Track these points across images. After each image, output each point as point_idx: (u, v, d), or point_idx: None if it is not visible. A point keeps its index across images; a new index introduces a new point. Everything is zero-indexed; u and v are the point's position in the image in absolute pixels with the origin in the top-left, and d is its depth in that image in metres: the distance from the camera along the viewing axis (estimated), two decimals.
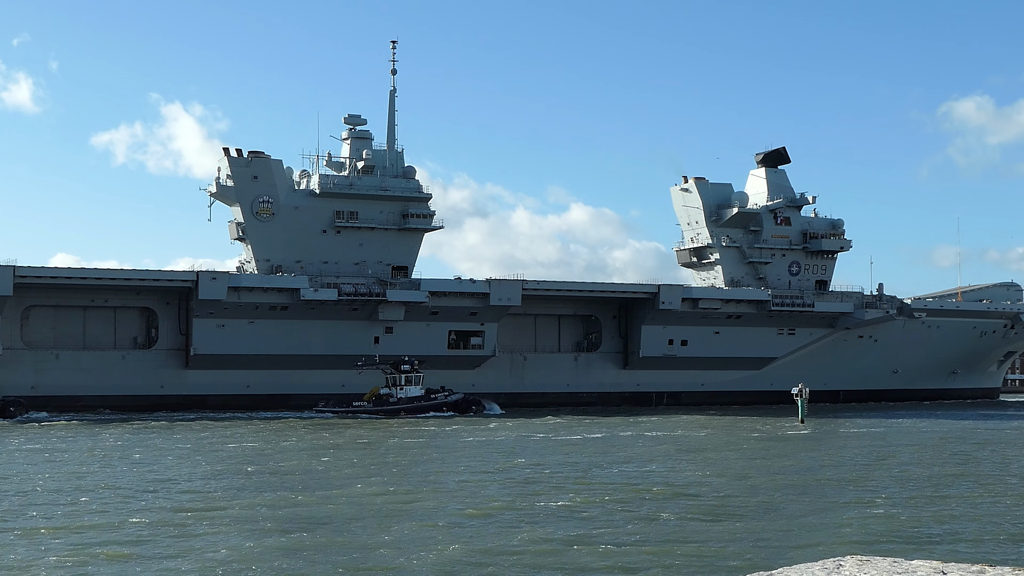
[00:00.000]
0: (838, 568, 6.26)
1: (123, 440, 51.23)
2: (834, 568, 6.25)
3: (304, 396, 78.73)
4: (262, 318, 78.52)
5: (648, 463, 40.46)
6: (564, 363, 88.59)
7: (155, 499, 29.99)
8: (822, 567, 6.28)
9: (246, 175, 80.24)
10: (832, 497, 31.04)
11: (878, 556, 6.54)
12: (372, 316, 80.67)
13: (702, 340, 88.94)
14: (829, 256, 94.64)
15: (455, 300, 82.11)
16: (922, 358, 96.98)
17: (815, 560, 6.44)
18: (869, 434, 57.41)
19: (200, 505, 28.79)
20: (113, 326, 79.94)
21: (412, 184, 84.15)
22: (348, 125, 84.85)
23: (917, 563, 6.31)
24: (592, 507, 28.56)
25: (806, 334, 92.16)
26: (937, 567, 6.21)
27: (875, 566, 6.27)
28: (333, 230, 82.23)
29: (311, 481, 34.38)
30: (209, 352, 77.87)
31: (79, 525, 25.29)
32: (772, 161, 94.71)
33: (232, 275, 77.99)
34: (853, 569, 6.22)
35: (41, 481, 33.94)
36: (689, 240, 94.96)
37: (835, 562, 6.38)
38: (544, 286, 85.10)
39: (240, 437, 53.72)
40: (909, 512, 28.02)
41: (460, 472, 37.30)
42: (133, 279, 76.89)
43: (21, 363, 75.47)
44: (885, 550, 21.53)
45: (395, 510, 27.88)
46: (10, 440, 50.80)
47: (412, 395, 73.24)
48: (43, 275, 74.70)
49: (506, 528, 25.09)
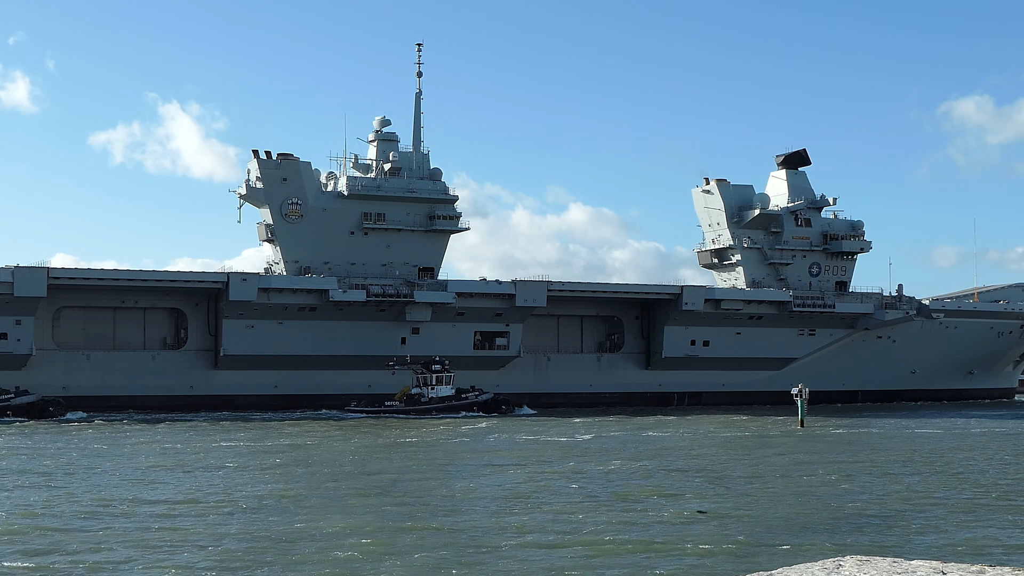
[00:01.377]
0: (838, 568, 6.26)
1: (224, 442, 51.63)
2: (834, 568, 6.26)
3: (331, 396, 79.46)
4: (291, 319, 79.17)
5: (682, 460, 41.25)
6: (587, 363, 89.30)
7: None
8: (822, 567, 6.29)
9: (275, 177, 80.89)
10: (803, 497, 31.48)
11: (878, 556, 6.53)
12: (399, 317, 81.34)
13: (724, 341, 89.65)
14: (849, 257, 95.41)
15: (481, 301, 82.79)
16: (939, 358, 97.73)
17: (815, 560, 6.48)
18: (866, 435, 57.84)
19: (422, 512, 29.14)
20: (143, 327, 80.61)
21: (439, 186, 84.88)
22: (374, 127, 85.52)
23: (917, 563, 6.32)
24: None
25: (826, 335, 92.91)
26: (937, 567, 6.21)
27: (875, 566, 6.27)
28: (361, 231, 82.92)
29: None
30: (238, 353, 78.51)
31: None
32: (793, 163, 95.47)
33: (262, 276, 78.65)
34: (853, 569, 6.23)
35: (241, 495, 33.21)
36: (710, 241, 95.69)
37: (835, 562, 6.38)
38: (569, 287, 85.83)
39: (320, 438, 54.04)
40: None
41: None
42: (165, 280, 77.54)
43: (53, 364, 76.11)
44: (885, 550, 21.91)
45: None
46: (95, 442, 51.28)
47: (443, 395, 74.00)
48: (76, 276, 75.33)
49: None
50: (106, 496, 31.52)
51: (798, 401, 64.83)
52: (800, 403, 64.60)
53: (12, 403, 66.81)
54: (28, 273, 72.62)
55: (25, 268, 73.00)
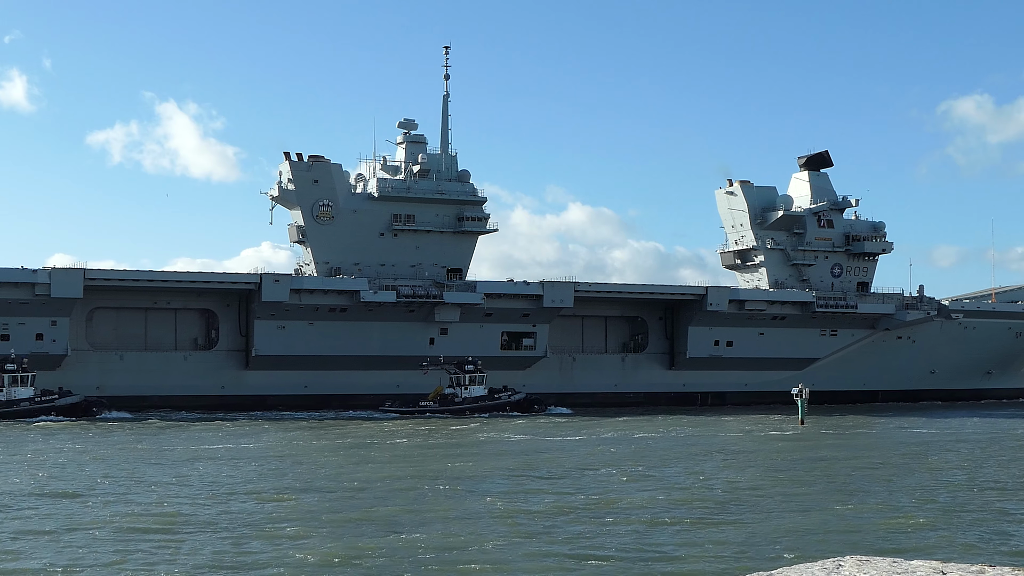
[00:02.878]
0: (838, 568, 6.28)
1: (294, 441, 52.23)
2: (834, 568, 6.28)
3: (360, 396, 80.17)
4: (321, 319, 79.84)
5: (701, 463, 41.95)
6: (612, 364, 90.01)
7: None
8: (822, 567, 6.31)
9: (307, 179, 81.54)
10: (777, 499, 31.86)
11: (878, 556, 6.57)
12: (428, 318, 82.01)
13: (747, 341, 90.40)
14: (871, 258, 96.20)
15: (509, 302, 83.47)
16: (958, 359, 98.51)
17: (815, 560, 6.52)
18: (866, 434, 58.41)
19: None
20: (174, 327, 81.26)
21: (467, 187, 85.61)
22: (402, 129, 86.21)
23: (917, 563, 6.35)
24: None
25: (848, 335, 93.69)
26: (937, 567, 6.24)
27: (875, 566, 6.30)
28: (390, 233, 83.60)
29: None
30: (270, 353, 79.18)
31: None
32: (815, 164, 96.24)
33: (294, 277, 79.32)
34: (853, 569, 6.25)
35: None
36: (733, 242, 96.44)
37: (835, 562, 6.41)
38: (596, 288, 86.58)
39: (386, 438, 54.79)
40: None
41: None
42: (199, 281, 78.17)
43: (87, 364, 76.73)
44: (885, 550, 22.09)
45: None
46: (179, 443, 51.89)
47: (476, 395, 74.74)
48: (111, 278, 75.96)
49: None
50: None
51: (798, 401, 65.80)
52: (800, 403, 65.61)
53: (57, 403, 67.52)
54: (65, 275, 73.29)
55: (62, 269, 73.70)
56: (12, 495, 31.87)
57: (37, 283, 72.77)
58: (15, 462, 41.63)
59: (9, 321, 73.65)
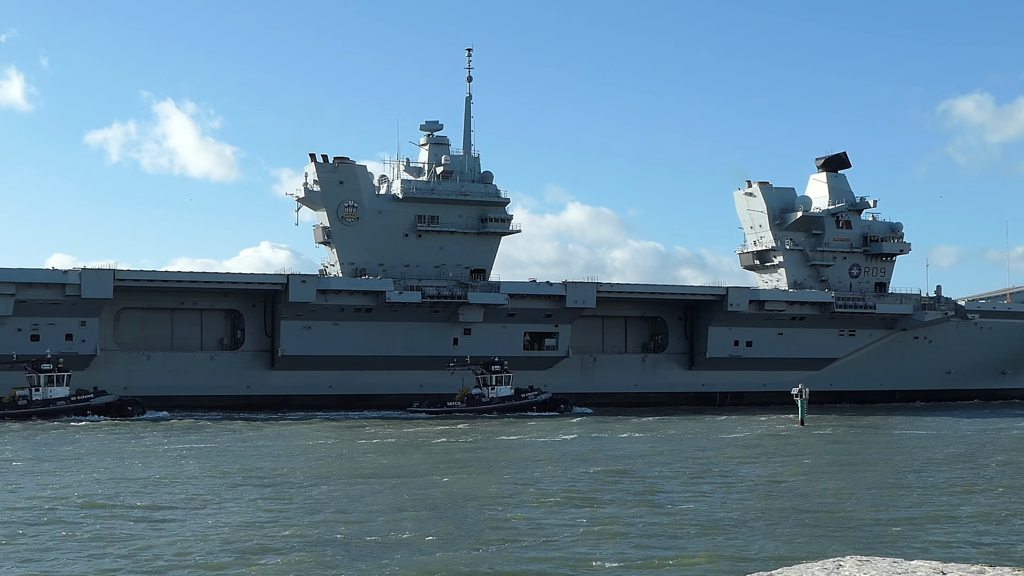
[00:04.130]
0: (838, 568, 6.31)
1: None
2: (834, 568, 6.31)
3: (383, 397, 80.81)
4: (346, 320, 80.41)
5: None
6: (632, 364, 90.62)
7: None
8: (822, 567, 6.34)
9: (332, 180, 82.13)
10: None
11: (878, 556, 6.59)
12: (452, 318, 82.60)
13: (766, 341, 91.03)
14: (888, 259, 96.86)
15: (532, 302, 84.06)
16: (974, 359, 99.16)
17: (815, 560, 6.57)
18: (866, 434, 58.57)
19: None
20: (199, 328, 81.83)
21: (490, 189, 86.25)
22: (425, 131, 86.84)
23: (917, 563, 6.38)
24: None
25: (866, 335, 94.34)
26: (937, 567, 6.27)
27: (875, 566, 6.32)
28: (415, 234, 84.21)
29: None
30: (296, 353, 79.74)
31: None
32: (833, 166, 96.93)
33: (320, 278, 79.88)
34: (853, 569, 6.27)
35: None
36: (752, 243, 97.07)
37: (835, 562, 6.44)
38: (618, 288, 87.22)
39: (452, 438, 55.42)
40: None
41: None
42: (227, 282, 78.74)
43: (115, 364, 77.31)
44: (885, 550, 22.21)
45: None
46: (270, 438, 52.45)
47: (503, 395, 75.33)
48: (140, 279, 76.51)
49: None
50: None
51: (798, 401, 66.39)
52: (800, 403, 66.23)
53: (92, 403, 68.10)
54: (95, 275, 73.86)
55: (92, 270, 74.25)
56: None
57: (67, 284, 73.35)
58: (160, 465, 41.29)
59: (39, 322, 74.22)
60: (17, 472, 38.26)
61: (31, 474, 37.70)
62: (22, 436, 54.33)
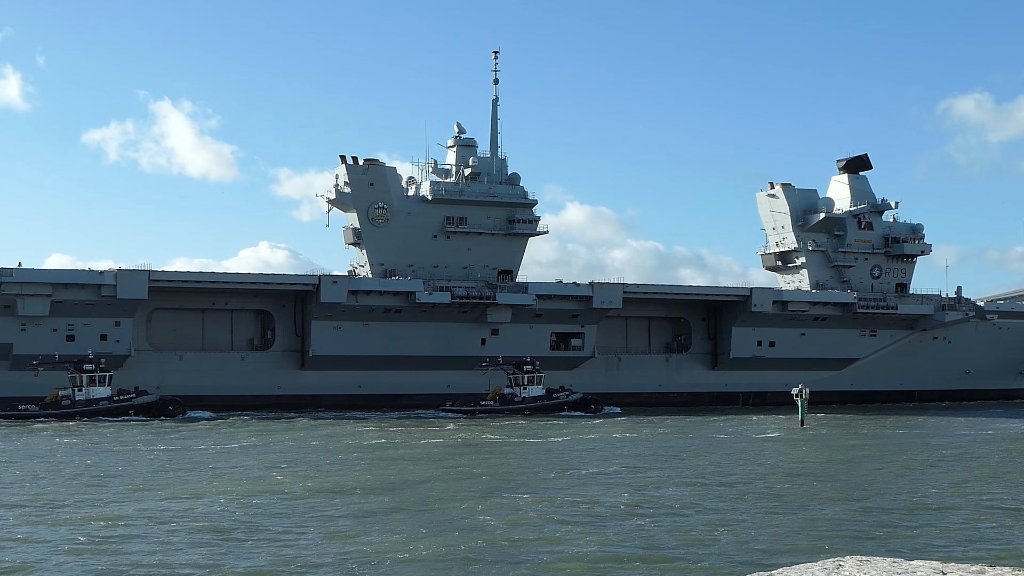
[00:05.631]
0: (838, 568, 6.32)
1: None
2: (834, 568, 6.32)
3: (411, 396, 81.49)
4: (376, 320, 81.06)
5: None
6: (656, 364, 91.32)
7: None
8: (822, 567, 6.36)
9: (363, 182, 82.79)
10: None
11: (878, 556, 6.61)
12: (480, 318, 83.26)
13: (789, 341, 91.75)
14: (909, 260, 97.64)
15: (559, 303, 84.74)
16: (992, 359, 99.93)
17: (815, 560, 6.61)
18: (866, 434, 59.03)
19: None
20: (230, 328, 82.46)
21: (518, 190, 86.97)
22: (453, 132, 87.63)
23: (917, 563, 6.39)
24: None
25: (887, 335, 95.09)
26: (937, 567, 6.28)
27: (875, 566, 6.33)
28: (444, 235, 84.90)
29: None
30: (326, 353, 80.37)
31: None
32: (854, 167, 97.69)
33: (352, 279, 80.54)
34: (853, 569, 6.28)
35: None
36: (774, 244, 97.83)
37: (835, 562, 6.45)
38: (643, 289, 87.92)
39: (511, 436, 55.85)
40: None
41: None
42: (259, 283, 79.39)
43: (148, 364, 77.92)
44: (885, 550, 22.43)
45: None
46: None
47: (535, 394, 76.03)
48: (175, 279, 77.15)
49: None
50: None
51: (798, 401, 67.01)
52: (800, 403, 66.86)
53: (135, 403, 68.71)
54: (131, 276, 74.51)
55: (128, 271, 74.91)
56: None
57: (103, 284, 73.97)
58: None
59: (75, 322, 74.83)
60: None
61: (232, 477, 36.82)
62: (119, 439, 53.55)
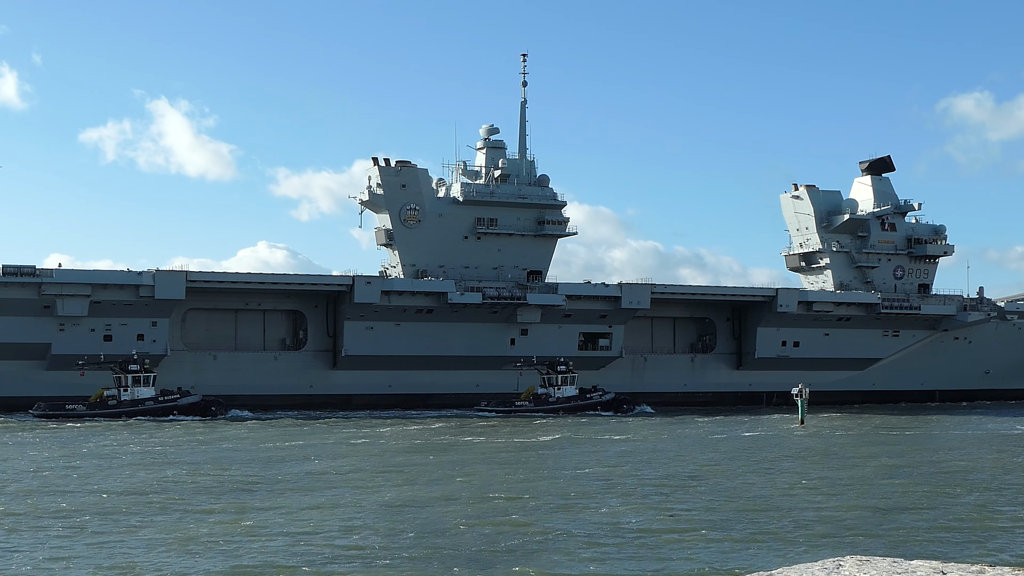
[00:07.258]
0: (838, 568, 6.34)
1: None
2: (834, 568, 6.34)
3: (441, 396, 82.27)
4: (408, 320, 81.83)
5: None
6: (681, 364, 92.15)
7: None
8: (822, 567, 6.38)
9: (395, 184, 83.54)
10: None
11: (878, 556, 6.63)
12: (510, 319, 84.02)
13: (813, 341, 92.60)
14: (931, 260, 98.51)
15: (587, 303, 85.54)
16: (1013, 359, 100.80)
17: (815, 560, 6.64)
18: (866, 434, 59.44)
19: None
20: (262, 328, 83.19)
21: (547, 192, 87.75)
22: (482, 135, 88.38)
23: (917, 563, 6.42)
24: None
25: (909, 336, 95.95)
26: (937, 567, 6.31)
27: (875, 566, 6.35)
28: (474, 236, 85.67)
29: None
30: (358, 353, 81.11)
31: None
32: (877, 169, 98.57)
33: (385, 280, 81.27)
34: (853, 569, 6.30)
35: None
36: (798, 245, 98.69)
37: (835, 562, 6.47)
38: (671, 289, 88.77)
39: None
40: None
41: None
42: (294, 284, 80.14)
43: (182, 364, 78.62)
44: (885, 550, 22.55)
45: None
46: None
47: (568, 394, 76.86)
48: (211, 280, 77.85)
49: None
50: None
51: (798, 401, 67.73)
52: (800, 403, 67.57)
53: (179, 403, 69.42)
54: (169, 276, 75.25)
55: (165, 272, 75.65)
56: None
57: (141, 285, 74.69)
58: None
59: (112, 322, 75.52)
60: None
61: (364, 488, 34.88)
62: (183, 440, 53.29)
